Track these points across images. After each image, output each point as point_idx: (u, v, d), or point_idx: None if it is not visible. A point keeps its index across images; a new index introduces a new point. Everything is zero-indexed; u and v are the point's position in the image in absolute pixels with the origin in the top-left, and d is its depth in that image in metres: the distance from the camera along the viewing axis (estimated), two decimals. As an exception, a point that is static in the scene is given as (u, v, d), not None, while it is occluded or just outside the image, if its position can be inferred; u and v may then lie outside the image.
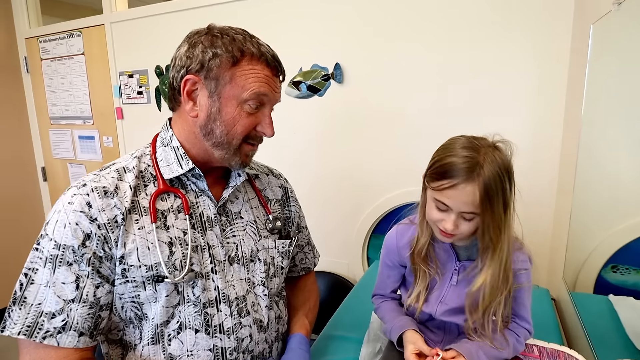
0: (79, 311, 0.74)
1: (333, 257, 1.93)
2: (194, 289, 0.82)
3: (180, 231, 0.82)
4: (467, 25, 1.51)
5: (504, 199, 0.80)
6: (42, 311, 0.73)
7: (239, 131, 0.82)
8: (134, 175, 0.83)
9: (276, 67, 0.84)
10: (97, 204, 0.76)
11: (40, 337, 0.72)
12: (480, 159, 0.78)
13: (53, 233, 0.75)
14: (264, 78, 0.81)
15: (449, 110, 1.59)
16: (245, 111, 0.82)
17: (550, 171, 1.47)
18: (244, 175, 0.92)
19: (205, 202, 0.87)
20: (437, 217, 0.84)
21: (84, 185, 0.78)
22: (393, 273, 1.03)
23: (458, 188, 0.78)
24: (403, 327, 0.95)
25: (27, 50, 2.73)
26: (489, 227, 0.81)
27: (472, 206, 0.79)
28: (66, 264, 0.74)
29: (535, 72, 1.45)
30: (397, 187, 1.75)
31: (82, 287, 0.75)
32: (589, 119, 1.17)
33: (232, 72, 0.79)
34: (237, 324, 0.85)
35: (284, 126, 1.95)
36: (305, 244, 1.15)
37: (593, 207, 1.15)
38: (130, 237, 0.78)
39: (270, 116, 0.86)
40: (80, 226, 0.75)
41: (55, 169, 2.84)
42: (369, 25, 1.69)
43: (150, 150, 0.88)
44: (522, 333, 0.93)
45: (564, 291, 1.29)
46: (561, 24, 1.38)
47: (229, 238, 0.88)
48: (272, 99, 0.85)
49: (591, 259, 1.11)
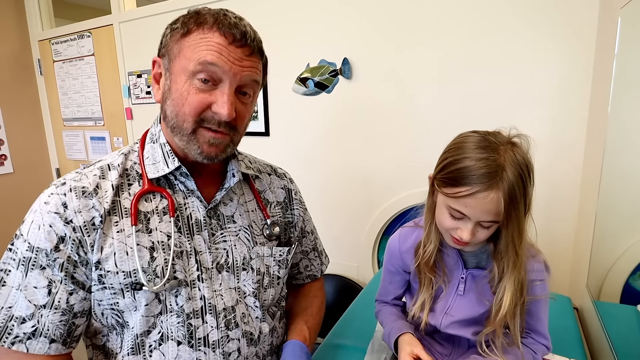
0: (50, 317, 0.70)
1: (342, 260, 1.87)
2: (177, 297, 0.76)
3: (164, 235, 0.76)
4: (482, 17, 1.42)
5: (526, 202, 0.71)
6: (12, 315, 0.69)
7: (187, 111, 0.71)
8: (118, 174, 0.76)
9: (234, 35, 0.70)
10: (74, 205, 0.71)
11: (9, 342, 0.68)
12: (501, 160, 0.68)
13: (27, 234, 0.70)
14: (215, 46, 0.70)
15: (464, 106, 1.51)
16: (195, 87, 0.71)
17: (572, 172, 1.37)
18: (238, 175, 0.84)
19: (194, 203, 0.80)
20: (450, 226, 0.76)
21: (63, 184, 0.73)
22: (396, 279, 0.96)
23: (478, 197, 0.68)
24: (400, 330, 0.88)
25: (40, 52, 2.76)
26: (512, 235, 0.73)
27: (494, 215, 0.70)
28: (39, 268, 0.69)
29: (556, 66, 1.35)
30: (409, 188, 1.68)
31: (54, 293, 0.70)
32: (617, 117, 1.07)
33: (181, 44, 0.72)
34: (223, 337, 0.78)
35: (292, 124, 1.91)
36: (311, 250, 1.07)
37: (620, 211, 1.06)
38: (108, 241, 0.72)
39: (228, 94, 0.71)
40: (54, 228, 0.70)
41: (69, 170, 2.86)
42: (377, 19, 1.61)
43: (139, 146, 0.82)
44: (540, 349, 0.85)
45: (587, 300, 1.20)
46: (586, 11, 1.27)
47: (219, 243, 0.81)
48: (229, 73, 0.71)
49: (617, 266, 1.03)
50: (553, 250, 1.42)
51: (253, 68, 0.74)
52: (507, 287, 0.77)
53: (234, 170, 0.84)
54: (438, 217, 0.79)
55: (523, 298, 0.79)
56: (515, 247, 0.74)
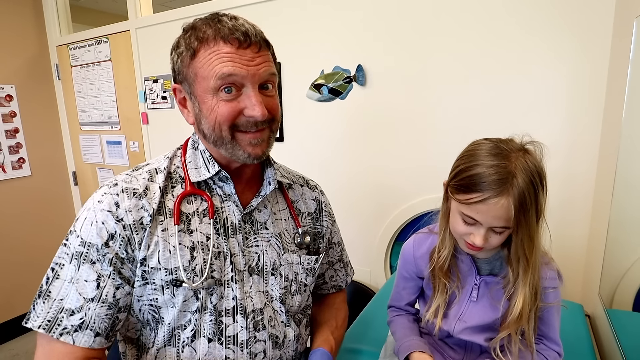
0: (97, 311, 0.73)
1: (355, 265, 1.84)
2: (212, 296, 0.79)
3: (203, 236, 0.80)
4: (497, 21, 1.43)
5: (537, 208, 0.72)
6: (62, 307, 0.72)
7: (221, 121, 0.75)
8: (164, 176, 0.81)
9: (237, 39, 0.72)
10: (125, 205, 0.75)
11: (57, 333, 0.71)
12: (512, 167, 0.70)
13: (80, 230, 0.74)
14: (226, 56, 0.72)
15: (477, 112, 1.52)
16: (222, 99, 0.74)
17: (586, 178, 1.37)
18: (274, 183, 0.88)
19: (231, 207, 0.84)
20: (464, 231, 0.77)
21: (115, 184, 0.78)
22: (409, 285, 0.98)
23: (489, 203, 0.70)
24: (410, 348, 0.89)
25: (58, 57, 2.80)
26: (522, 240, 0.74)
27: (505, 221, 0.71)
28: (90, 262, 0.73)
29: (571, 72, 1.35)
30: (422, 194, 1.68)
31: (102, 287, 0.73)
32: (631, 123, 1.08)
33: (194, 67, 0.75)
34: (251, 338, 0.82)
35: (306, 130, 1.93)
36: (337, 261, 1.09)
37: (633, 218, 1.07)
38: (153, 239, 0.76)
39: (255, 95, 0.74)
40: (105, 225, 0.74)
41: (85, 173, 2.92)
42: (391, 26, 1.63)
43: (182, 152, 0.87)
44: (552, 355, 0.86)
45: (599, 308, 1.21)
46: (601, 18, 1.28)
47: (251, 247, 0.85)
48: (247, 76, 0.73)
49: (631, 274, 1.04)
50: (565, 257, 1.42)
51: (266, 62, 0.76)
52: (521, 291, 0.78)
53: (270, 179, 0.88)
54: (452, 223, 0.81)
55: (537, 303, 0.80)
56: (526, 252, 0.75)
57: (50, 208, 2.89)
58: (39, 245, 2.78)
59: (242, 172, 0.86)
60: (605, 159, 1.28)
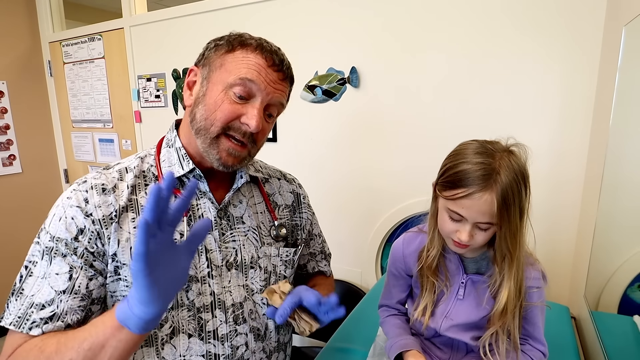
0: (69, 303, 0.73)
1: (346, 265, 1.90)
2: (188, 292, 0.80)
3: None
4: (489, 28, 1.45)
5: (520, 206, 0.75)
6: (33, 302, 0.72)
7: (218, 117, 0.78)
8: (134, 175, 0.83)
9: (273, 60, 0.80)
10: (95, 200, 0.77)
11: (27, 328, 0.71)
12: (496, 164, 0.73)
13: (49, 226, 0.76)
14: (255, 65, 0.78)
15: (468, 117, 1.54)
16: (230, 98, 0.78)
17: (574, 182, 1.39)
18: (245, 177, 0.90)
19: (206, 204, 0.86)
20: (450, 229, 0.80)
21: (84, 182, 0.80)
22: (399, 283, 0.99)
23: (474, 197, 0.73)
24: (404, 347, 0.91)
25: (50, 54, 2.79)
26: (505, 236, 0.76)
27: (489, 216, 0.74)
28: (61, 255, 0.74)
29: (561, 79, 1.37)
30: (413, 196, 1.70)
31: (74, 278, 0.74)
32: (618, 129, 1.10)
33: (224, 59, 0.80)
34: (232, 331, 0.84)
35: (300, 131, 1.93)
36: (318, 252, 1.12)
37: (620, 222, 1.09)
38: (124, 235, 0.78)
39: (259, 109, 0.79)
40: (75, 220, 0.75)
41: (76, 171, 2.90)
42: (385, 29, 1.64)
43: (155, 151, 0.89)
44: (537, 356, 0.88)
45: (585, 310, 1.23)
46: (593, 25, 1.30)
47: (228, 243, 0.86)
48: (263, 92, 0.79)
49: (616, 277, 1.06)
50: (554, 259, 1.45)
51: (283, 92, 0.83)
52: (505, 286, 0.80)
53: (242, 172, 0.90)
54: (439, 221, 0.83)
55: (521, 300, 0.82)
56: (510, 248, 0.78)
57: (41, 205, 2.86)
58: (29, 243, 2.75)
59: (215, 169, 0.86)
60: (593, 165, 1.30)
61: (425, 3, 1.54)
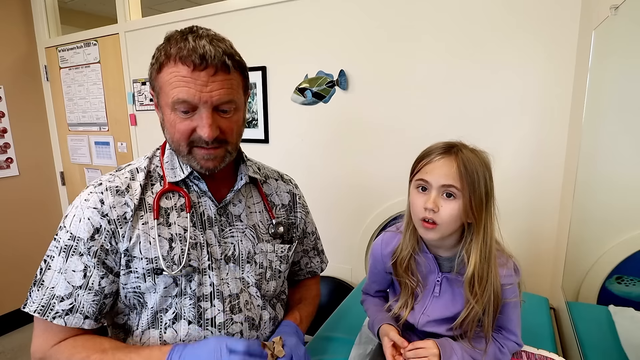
0: (85, 297, 0.82)
1: (337, 262, 1.94)
2: (190, 282, 0.87)
3: (181, 228, 0.88)
4: (473, 32, 1.51)
5: (485, 184, 0.81)
6: (54, 294, 0.81)
7: (177, 137, 0.82)
8: (144, 175, 0.90)
9: (193, 61, 0.74)
10: (110, 201, 0.84)
11: (51, 316, 0.80)
12: (459, 146, 0.83)
13: (70, 226, 0.82)
14: (182, 80, 0.76)
15: (453, 118, 1.59)
16: (179, 116, 0.79)
17: (554, 180, 1.45)
18: (245, 178, 0.95)
19: (207, 202, 0.92)
20: (419, 203, 0.84)
21: (100, 184, 0.86)
22: (378, 279, 1.06)
23: (436, 162, 0.82)
24: (381, 321, 0.98)
25: (47, 59, 2.83)
26: (470, 204, 0.81)
27: (451, 178, 0.80)
28: (78, 254, 0.82)
29: (541, 81, 1.43)
30: (400, 194, 1.74)
31: (89, 277, 0.82)
32: (591, 127, 1.15)
33: (160, 80, 0.80)
34: (228, 320, 0.89)
35: (291, 132, 1.98)
36: (311, 249, 1.17)
37: (598, 217, 1.13)
38: (135, 232, 0.84)
39: (206, 117, 0.78)
40: (91, 220, 0.82)
41: (72, 173, 2.94)
42: (373, 33, 1.70)
43: (160, 152, 0.95)
44: (508, 345, 0.93)
45: (562, 300, 1.28)
46: (568, 31, 1.36)
47: (227, 238, 0.93)
48: (200, 101, 0.77)
49: (595, 269, 1.10)
50: (536, 253, 1.51)
51: (222, 88, 0.78)
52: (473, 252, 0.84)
53: (243, 174, 0.96)
54: (411, 204, 0.88)
55: (497, 300, 0.86)
56: (475, 217, 0.82)
57: (38, 208, 2.90)
58: (26, 245, 2.79)
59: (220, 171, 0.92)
60: (570, 162, 1.36)
61: (414, 9, 1.59)
